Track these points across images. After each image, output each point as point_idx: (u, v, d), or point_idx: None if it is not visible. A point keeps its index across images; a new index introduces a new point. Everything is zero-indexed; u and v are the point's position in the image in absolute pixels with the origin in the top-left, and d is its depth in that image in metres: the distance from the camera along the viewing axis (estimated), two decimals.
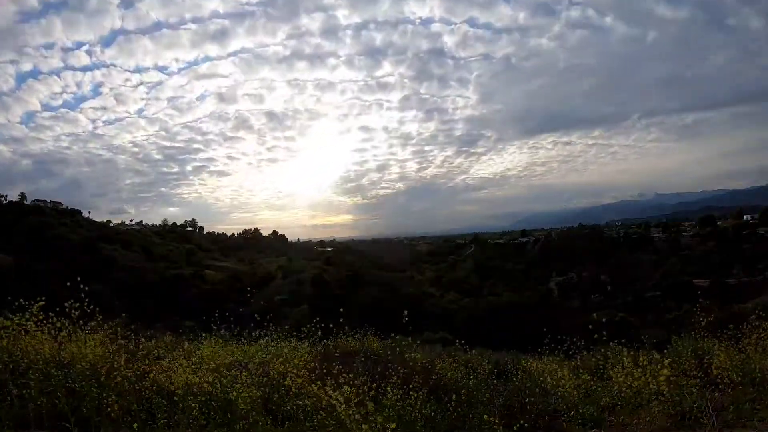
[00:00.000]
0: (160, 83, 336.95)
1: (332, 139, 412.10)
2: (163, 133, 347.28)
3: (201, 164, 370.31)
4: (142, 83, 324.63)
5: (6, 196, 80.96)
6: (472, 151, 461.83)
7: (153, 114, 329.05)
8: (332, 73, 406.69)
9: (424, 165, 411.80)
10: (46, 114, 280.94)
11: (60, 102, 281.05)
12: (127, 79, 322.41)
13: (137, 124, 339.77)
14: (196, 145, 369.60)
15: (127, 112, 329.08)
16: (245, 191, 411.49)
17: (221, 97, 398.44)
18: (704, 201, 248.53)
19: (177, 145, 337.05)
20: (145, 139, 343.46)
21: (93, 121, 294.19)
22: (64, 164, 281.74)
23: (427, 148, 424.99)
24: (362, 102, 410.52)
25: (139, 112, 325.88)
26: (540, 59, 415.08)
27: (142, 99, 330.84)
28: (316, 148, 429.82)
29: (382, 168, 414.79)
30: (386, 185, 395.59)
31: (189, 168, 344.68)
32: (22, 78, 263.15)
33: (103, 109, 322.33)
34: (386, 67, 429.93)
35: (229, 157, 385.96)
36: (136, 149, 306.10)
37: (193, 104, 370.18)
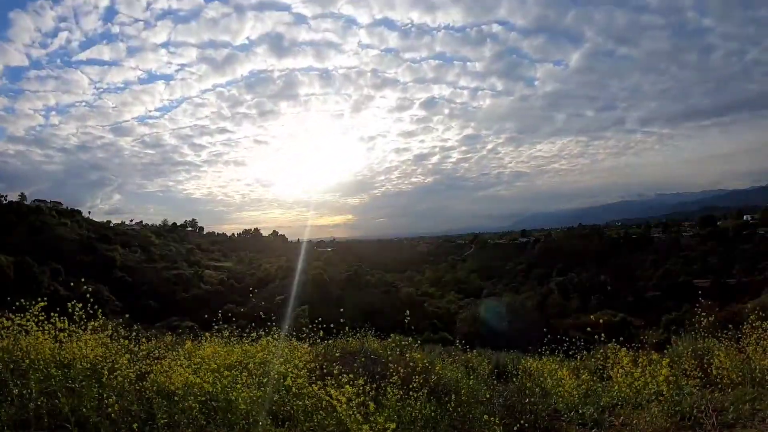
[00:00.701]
0: (192, 15, 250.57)
1: (384, 118, 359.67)
2: (185, 105, 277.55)
3: (219, 150, 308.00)
4: (169, 13, 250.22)
5: (6, 196, 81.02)
6: (527, 138, 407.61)
7: (176, 71, 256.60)
8: (432, 12, 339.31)
9: (470, 155, 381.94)
10: (33, 73, 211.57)
11: (53, 48, 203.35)
12: (149, 3, 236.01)
13: (152, 90, 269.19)
14: (221, 123, 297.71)
15: (140, 69, 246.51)
16: (259, 186, 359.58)
17: (273, 45, 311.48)
18: (704, 201, 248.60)
19: (198, 122, 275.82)
20: (160, 114, 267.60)
21: (94, 84, 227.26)
22: (56, 150, 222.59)
23: (484, 132, 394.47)
24: (444, 63, 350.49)
25: (158, 69, 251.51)
26: (678, 16, 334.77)
27: (163, 47, 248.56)
28: (362, 131, 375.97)
29: (420, 158, 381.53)
30: (416, 179, 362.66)
31: (204, 155, 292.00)
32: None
33: (109, 66, 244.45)
34: (503, 8, 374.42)
35: (257, 141, 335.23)
36: (144, 129, 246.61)
37: (232, 58, 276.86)
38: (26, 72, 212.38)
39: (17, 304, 5.02)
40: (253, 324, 7.95)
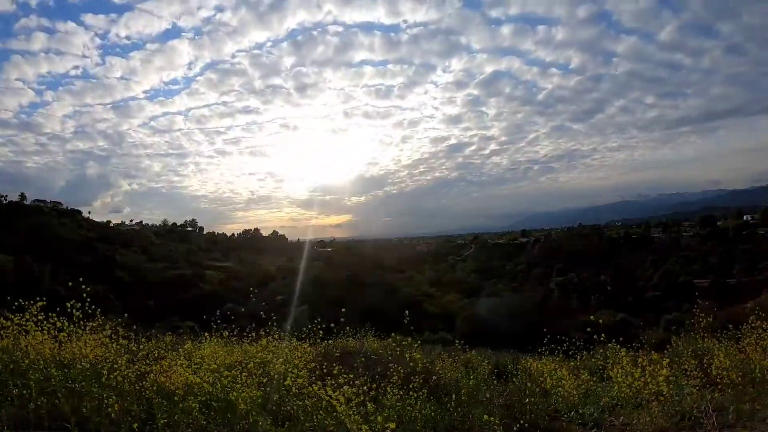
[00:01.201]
0: None
1: (434, 98, 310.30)
2: (209, 74, 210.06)
3: (238, 136, 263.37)
4: None
5: (6, 196, 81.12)
6: (575, 128, 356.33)
7: (205, 19, 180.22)
8: None
9: (507, 146, 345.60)
10: (22, 24, 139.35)
11: None
12: None
13: (171, 51, 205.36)
14: (248, 100, 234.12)
15: (157, 15, 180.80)
16: (272, 182, 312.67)
17: None
18: (704, 201, 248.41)
19: (222, 99, 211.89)
20: (178, 87, 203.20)
21: (97, 38, 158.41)
22: (49, 138, 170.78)
23: (534, 120, 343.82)
24: (527, 26, 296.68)
25: (183, 16, 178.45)
26: None
27: None
28: (405, 114, 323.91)
29: (455, 149, 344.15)
30: (440, 173, 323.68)
31: (219, 143, 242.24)
32: None
33: (119, 14, 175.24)
34: None
35: (284, 125, 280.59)
36: (155, 108, 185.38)
37: (281, 2, 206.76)
38: (14, 23, 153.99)
39: (17, 304, 5.02)
40: (253, 324, 7.95)
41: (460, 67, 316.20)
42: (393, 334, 9.12)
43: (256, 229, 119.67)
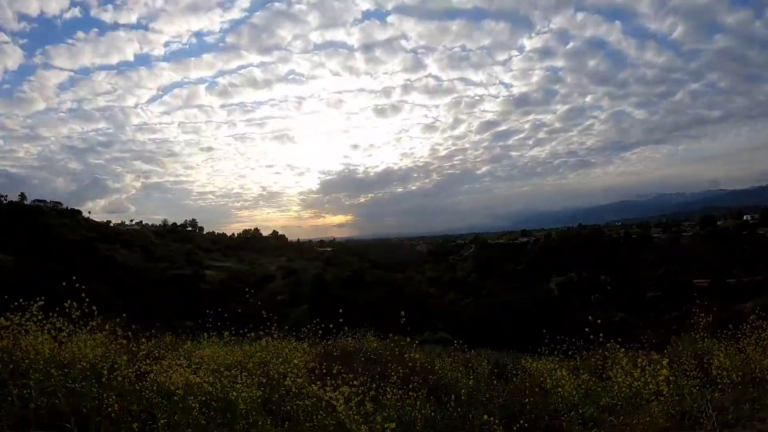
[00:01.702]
0: None
1: (508, 72, 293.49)
2: (254, 18, 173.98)
3: (266, 116, 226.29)
4: None
5: (6, 196, 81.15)
6: (633, 113, 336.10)
7: None
8: None
9: (557, 134, 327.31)
10: None
11: None
12: None
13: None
14: (294, 62, 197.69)
15: None
16: (291, 175, 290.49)
17: None
18: (704, 201, 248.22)
19: (263, 58, 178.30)
20: (210, 40, 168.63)
21: None
22: (40, 120, 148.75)
23: (600, 104, 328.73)
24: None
25: None
26: None
27: None
28: (469, 90, 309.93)
29: (501, 137, 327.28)
30: (470, 164, 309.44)
31: (240, 125, 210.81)
32: None
33: None
34: None
35: (326, 101, 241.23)
36: (174, 74, 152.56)
37: None
38: None
39: (17, 304, 5.01)
40: (252, 324, 7.95)
41: (559, 26, 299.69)
42: (392, 334, 9.13)
43: (256, 229, 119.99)
